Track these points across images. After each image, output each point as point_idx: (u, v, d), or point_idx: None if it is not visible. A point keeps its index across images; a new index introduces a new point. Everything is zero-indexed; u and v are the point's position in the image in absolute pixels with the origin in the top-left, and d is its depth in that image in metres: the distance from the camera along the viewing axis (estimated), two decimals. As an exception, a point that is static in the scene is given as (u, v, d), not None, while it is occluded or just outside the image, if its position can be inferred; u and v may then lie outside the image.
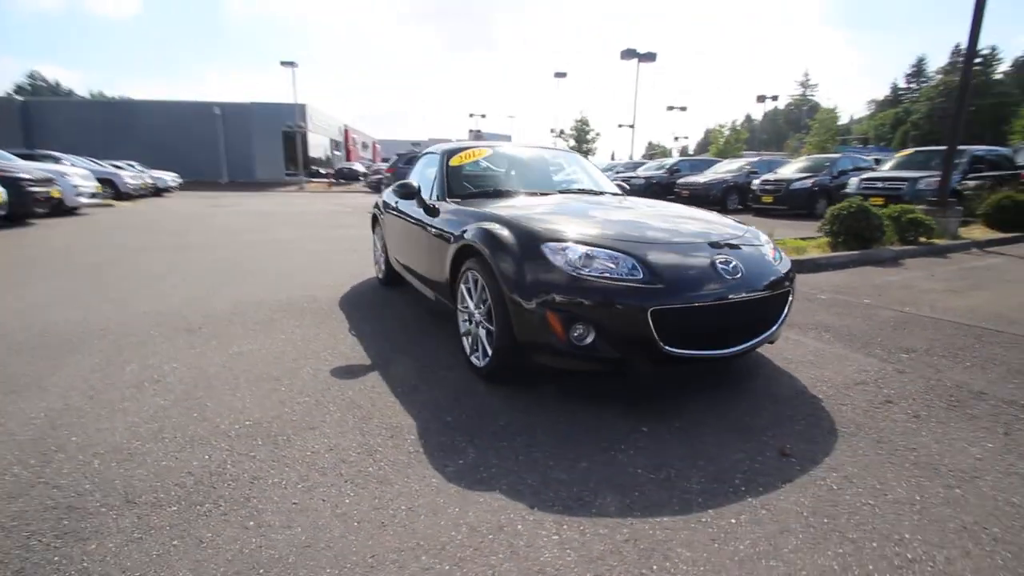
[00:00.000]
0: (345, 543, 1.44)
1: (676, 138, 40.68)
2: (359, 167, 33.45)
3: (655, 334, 2.05)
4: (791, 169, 13.54)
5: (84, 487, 1.68)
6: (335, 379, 2.60)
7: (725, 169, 15.26)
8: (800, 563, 1.35)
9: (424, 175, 3.92)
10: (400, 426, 2.12)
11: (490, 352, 2.42)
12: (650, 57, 20.74)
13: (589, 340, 2.10)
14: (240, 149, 32.38)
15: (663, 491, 1.68)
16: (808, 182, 12.33)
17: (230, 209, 13.79)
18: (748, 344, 2.27)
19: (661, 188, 15.68)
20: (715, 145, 29.98)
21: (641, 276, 2.10)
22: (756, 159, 16.72)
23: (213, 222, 10.43)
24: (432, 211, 3.34)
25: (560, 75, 30.67)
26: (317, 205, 16.21)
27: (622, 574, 1.32)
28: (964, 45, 7.49)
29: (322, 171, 34.57)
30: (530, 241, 2.28)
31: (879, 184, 10.55)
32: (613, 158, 47.61)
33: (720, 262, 2.24)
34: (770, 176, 13.12)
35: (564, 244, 2.23)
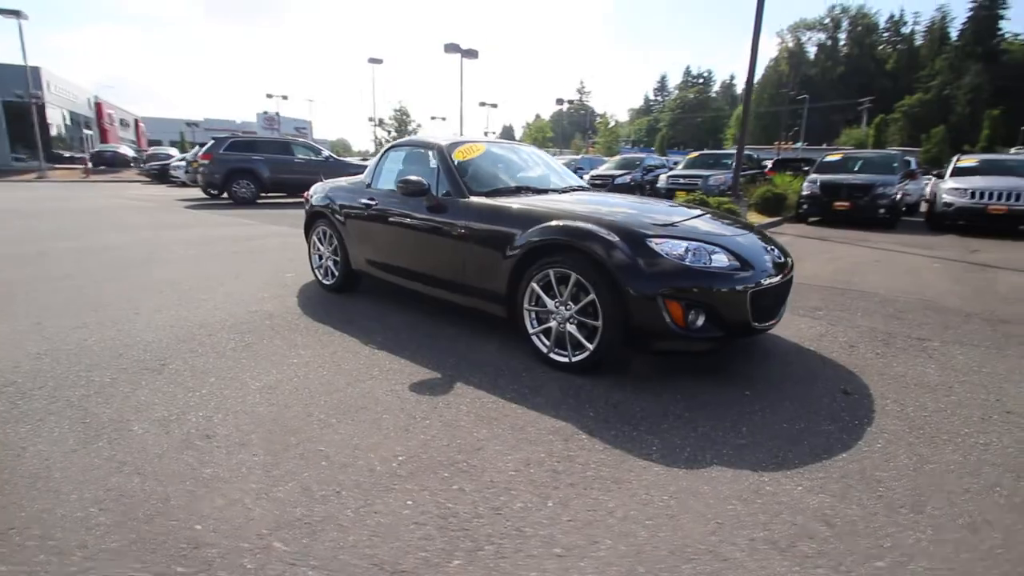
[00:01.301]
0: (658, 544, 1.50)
1: (486, 132, 42.80)
2: (127, 150, 27.03)
3: (750, 312, 2.46)
4: (610, 166, 15.79)
5: None
6: (430, 396, 2.40)
7: (605, 166, 16.63)
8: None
9: (405, 170, 3.67)
10: (560, 429, 2.13)
11: (590, 346, 2.54)
12: (472, 54, 21.42)
13: (700, 323, 2.41)
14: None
15: (800, 440, 2.10)
16: (627, 177, 14.54)
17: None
18: (781, 316, 2.85)
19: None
20: (527, 140, 32.51)
21: (735, 264, 2.49)
22: (580, 157, 18.76)
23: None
24: (441, 208, 3.22)
25: (375, 61, 29.32)
26: (91, 199, 12.84)
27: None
28: (694, 68, 9.82)
29: (68, 154, 26.94)
30: (637, 237, 2.46)
31: (681, 180, 13.02)
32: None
33: (767, 249, 2.77)
34: (598, 172, 15.03)
35: (665, 239, 2.48)
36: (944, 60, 55.18)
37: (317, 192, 4.40)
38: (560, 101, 42.34)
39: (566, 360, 2.65)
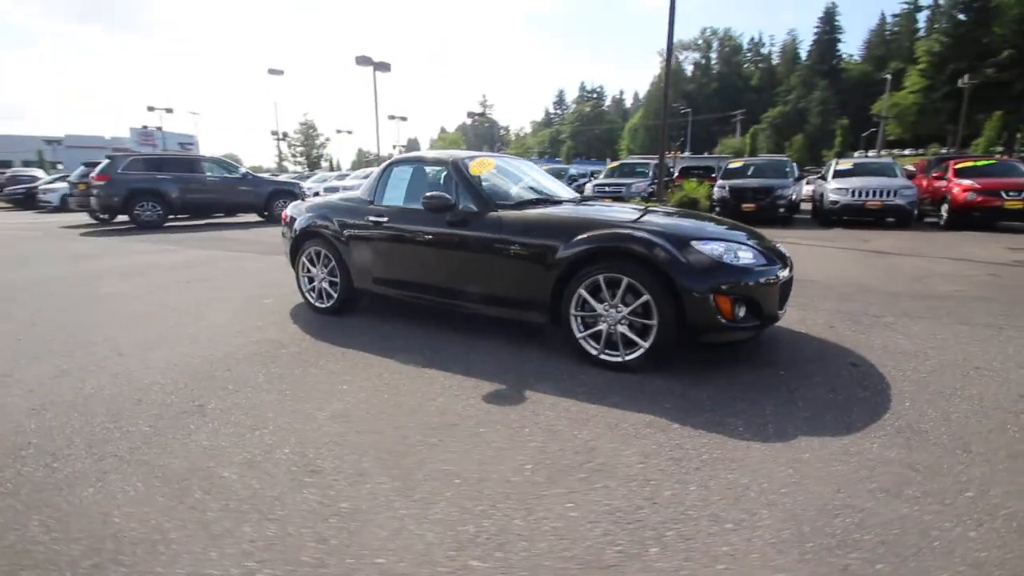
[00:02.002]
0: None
1: (394, 146, 42.09)
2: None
3: (779, 303, 2.79)
4: None
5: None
6: (511, 406, 2.44)
7: None
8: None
9: (416, 186, 3.65)
10: (651, 422, 2.27)
11: (645, 344, 2.72)
12: (384, 67, 21.02)
13: (742, 314, 2.68)
14: None
15: (849, 407, 2.44)
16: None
17: None
18: (786, 306, 3.24)
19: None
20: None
21: (763, 260, 2.80)
22: None
23: None
24: (464, 223, 3.25)
25: (275, 72, 27.67)
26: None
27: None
28: (588, 83, 10.75)
29: None
30: (685, 240, 2.69)
31: (607, 188, 13.84)
32: (334, 167, 45.39)
33: (780, 247, 3.13)
34: None
35: (705, 241, 2.73)
36: (797, 77, 63.53)
37: (302, 212, 4.19)
38: (472, 115, 43.00)
39: (619, 359, 2.80)
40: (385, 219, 3.60)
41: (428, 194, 3.25)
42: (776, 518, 1.61)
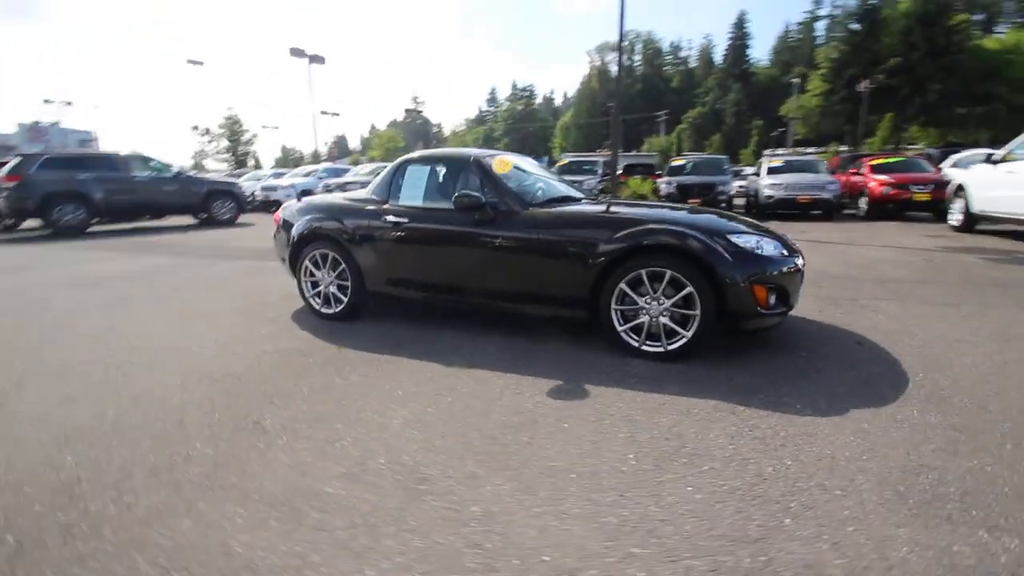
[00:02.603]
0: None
1: (326, 143, 40.28)
2: None
3: (799, 290, 3.04)
4: None
5: None
6: (578, 400, 2.49)
7: None
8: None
9: (436, 185, 3.60)
10: (716, 406, 2.40)
11: (687, 333, 2.87)
12: (319, 60, 20.06)
13: (773, 301, 2.90)
14: None
15: (875, 381, 2.72)
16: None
17: None
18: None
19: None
20: (377, 150, 31.53)
21: (785, 251, 3.03)
22: None
23: None
24: (491, 221, 3.25)
25: (195, 63, 25.58)
26: None
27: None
28: (520, 82, 11.18)
29: None
30: (723, 234, 2.86)
31: (560, 185, 14.14)
32: (259, 164, 42.72)
33: (789, 238, 3.39)
34: None
35: (739, 235, 2.92)
36: (713, 80, 67.68)
37: (300, 214, 3.99)
38: (410, 111, 42.06)
39: (660, 350, 2.93)
40: (406, 219, 3.52)
41: (459, 193, 3.22)
42: (872, 482, 1.79)
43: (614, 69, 74.74)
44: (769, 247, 2.98)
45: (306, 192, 16.05)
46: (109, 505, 1.73)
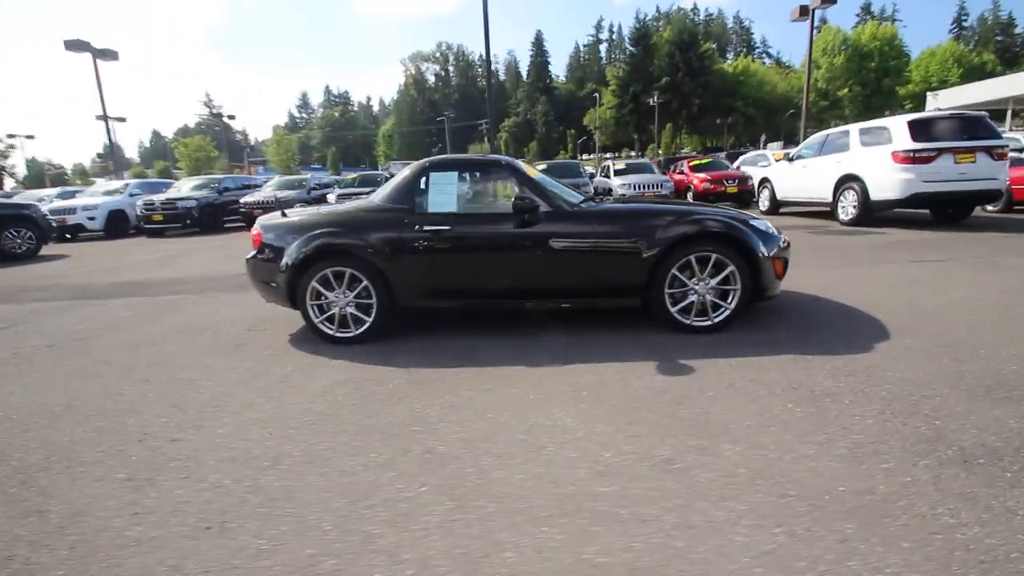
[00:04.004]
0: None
1: (99, 155, 32.27)
2: None
3: (786, 263, 3.78)
4: (274, 187, 15.43)
5: None
6: (687, 377, 2.77)
7: (284, 185, 15.26)
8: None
9: (463, 191, 3.51)
10: (799, 359, 2.91)
11: (730, 306, 3.36)
12: (111, 55, 16.20)
13: (782, 271, 3.57)
14: None
15: (851, 327, 3.55)
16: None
17: None
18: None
19: (215, 210, 13.89)
20: (185, 163, 26.95)
21: (776, 231, 3.73)
22: (226, 176, 17.09)
23: None
24: (535, 222, 3.36)
25: None
26: None
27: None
28: (332, 87, 11.55)
29: None
30: (747, 219, 3.40)
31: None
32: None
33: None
34: (263, 196, 14.17)
35: (754, 219, 3.50)
36: (522, 92, 73.29)
37: (295, 231, 3.50)
38: (219, 115, 36.44)
39: (708, 323, 3.39)
40: (447, 227, 3.36)
41: (518, 196, 3.25)
42: (929, 375, 2.45)
43: (431, 78, 75.92)
44: (771, 228, 3.65)
45: (119, 213, 13.23)
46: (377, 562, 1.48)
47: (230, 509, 1.77)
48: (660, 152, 46.19)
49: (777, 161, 13.22)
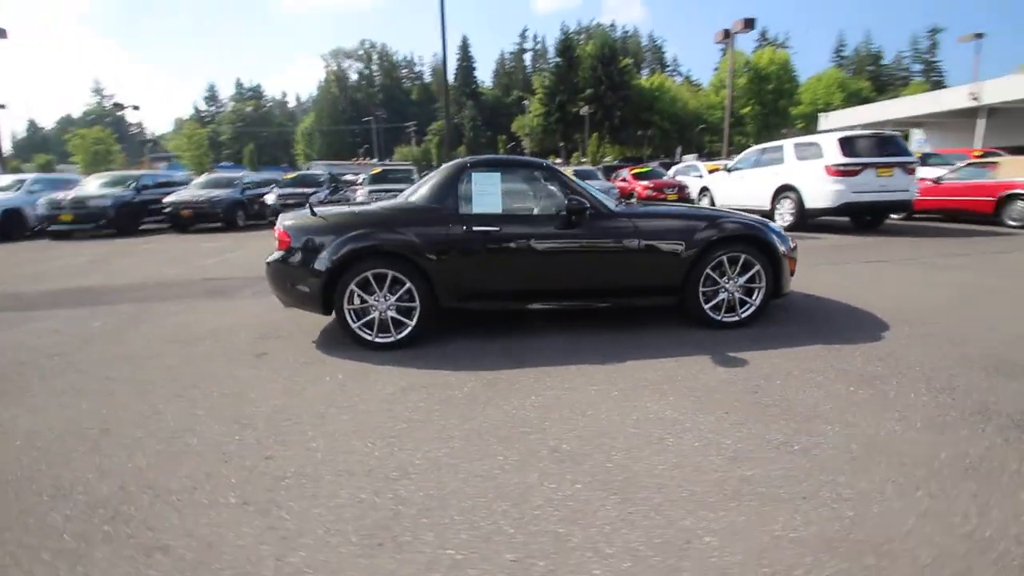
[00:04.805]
0: (952, 358, 3.00)
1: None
2: None
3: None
4: (200, 184, 14.46)
5: None
6: (747, 369, 2.97)
7: (211, 183, 14.07)
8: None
9: (507, 192, 3.51)
10: (830, 348, 3.21)
11: (756, 302, 3.64)
12: (-6, 30, 13.86)
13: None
14: None
15: (852, 318, 3.98)
16: (322, 194, 13.93)
17: None
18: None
19: (132, 210, 12.51)
20: (81, 155, 23.93)
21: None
22: (141, 173, 15.71)
23: None
24: (579, 224, 3.45)
25: None
26: None
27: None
28: (245, 80, 11.36)
29: None
30: (766, 224, 3.70)
31: (382, 194, 13.65)
32: None
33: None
34: (188, 195, 13.12)
35: (771, 222, 3.81)
36: (450, 96, 72.92)
37: (330, 231, 3.31)
38: (120, 106, 32.49)
39: (737, 319, 3.64)
40: (496, 228, 3.34)
41: (571, 199, 3.31)
42: (938, 349, 2.84)
43: (353, 76, 73.39)
44: (782, 231, 3.99)
45: (14, 213, 11.56)
46: None
47: (389, 523, 1.67)
48: (585, 160, 47.92)
49: (710, 172, 14.33)
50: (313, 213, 3.47)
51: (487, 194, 3.49)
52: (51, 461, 2.11)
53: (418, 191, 3.60)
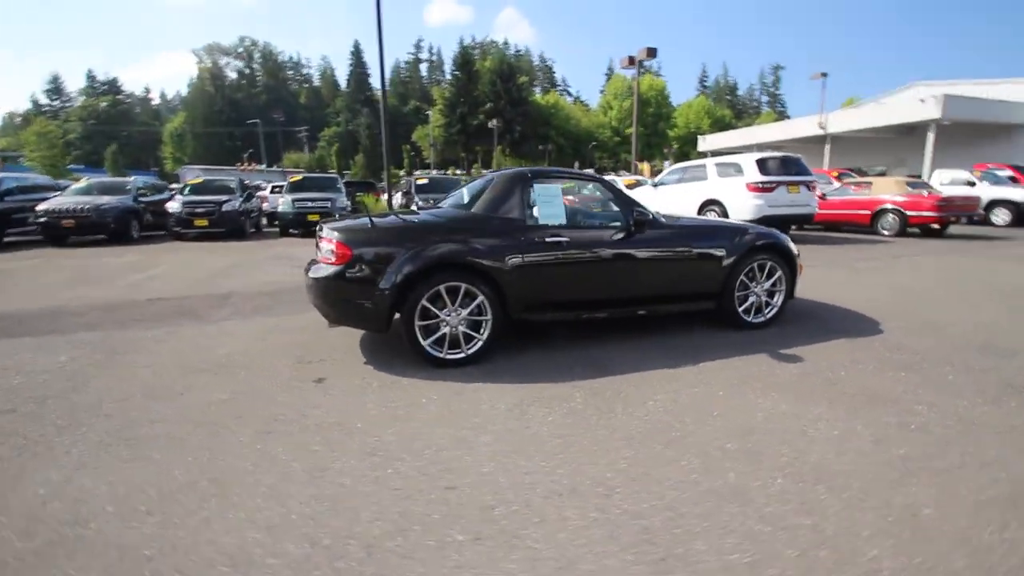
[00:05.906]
0: (946, 345, 3.61)
1: None
2: None
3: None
4: (75, 190, 12.61)
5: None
6: (813, 361, 3.30)
7: (95, 189, 12.05)
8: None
9: (579, 202, 3.54)
10: (853, 341, 3.67)
11: (777, 304, 4.05)
12: None
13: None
14: None
15: (853, 321, 4.58)
16: (235, 203, 12.56)
17: None
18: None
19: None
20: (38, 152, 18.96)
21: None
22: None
23: None
24: (630, 234, 3.62)
25: None
26: None
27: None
28: (96, 71, 10.79)
29: None
30: (781, 234, 4.14)
31: (310, 204, 12.74)
32: None
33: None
34: (62, 203, 11.23)
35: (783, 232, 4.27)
36: (342, 102, 69.96)
37: (394, 241, 3.10)
38: None
39: (762, 320, 4.02)
40: (565, 239, 3.35)
41: (638, 211, 3.42)
42: (951, 342, 3.43)
43: (232, 75, 67.35)
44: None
45: None
46: None
47: (647, 537, 1.64)
48: (485, 173, 48.59)
49: (627, 186, 15.41)
50: (372, 223, 3.22)
51: (551, 204, 3.51)
52: (167, 525, 1.74)
53: (479, 201, 3.50)
